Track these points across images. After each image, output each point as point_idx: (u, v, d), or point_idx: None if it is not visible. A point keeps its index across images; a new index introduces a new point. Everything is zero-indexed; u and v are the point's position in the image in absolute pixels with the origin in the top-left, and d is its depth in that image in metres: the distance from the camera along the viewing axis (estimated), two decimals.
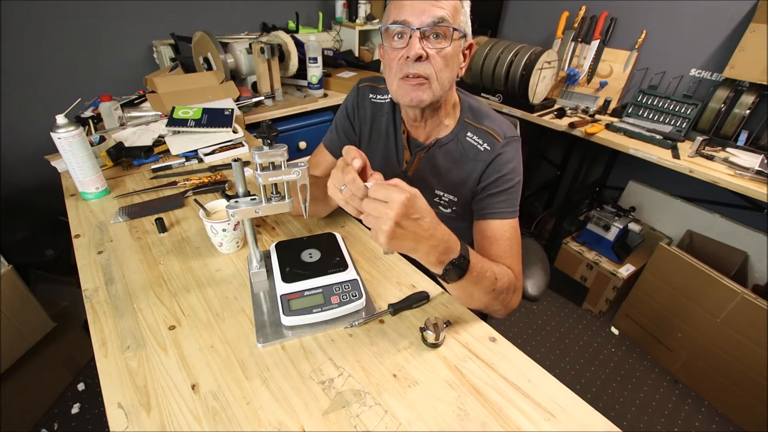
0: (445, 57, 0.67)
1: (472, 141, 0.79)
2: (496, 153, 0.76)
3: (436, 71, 0.67)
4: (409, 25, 0.64)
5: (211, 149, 1.20)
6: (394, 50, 0.68)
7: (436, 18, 0.63)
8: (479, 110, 0.81)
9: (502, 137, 0.77)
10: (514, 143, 0.78)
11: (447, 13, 0.64)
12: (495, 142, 0.77)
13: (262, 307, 0.68)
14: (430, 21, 0.63)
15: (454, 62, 0.69)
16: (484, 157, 0.77)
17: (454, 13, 0.65)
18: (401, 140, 0.85)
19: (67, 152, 0.88)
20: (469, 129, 0.79)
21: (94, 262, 0.77)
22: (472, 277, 0.60)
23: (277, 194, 0.63)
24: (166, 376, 0.56)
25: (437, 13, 0.63)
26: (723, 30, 1.57)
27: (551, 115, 1.77)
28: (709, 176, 1.35)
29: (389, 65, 0.70)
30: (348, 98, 0.91)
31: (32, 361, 1.31)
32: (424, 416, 0.53)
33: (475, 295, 0.64)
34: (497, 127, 0.78)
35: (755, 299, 1.32)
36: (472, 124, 0.79)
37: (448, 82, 0.70)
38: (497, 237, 0.75)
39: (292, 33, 1.88)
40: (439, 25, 0.64)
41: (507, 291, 0.68)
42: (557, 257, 1.96)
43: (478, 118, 0.80)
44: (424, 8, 0.63)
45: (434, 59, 0.66)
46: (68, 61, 1.65)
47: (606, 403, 1.51)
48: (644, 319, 1.70)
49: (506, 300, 0.69)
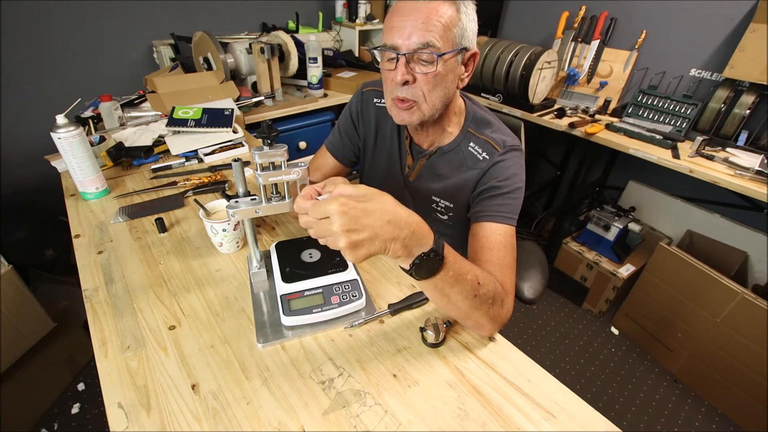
0: (435, 77, 0.66)
1: (473, 150, 0.79)
2: (493, 161, 0.76)
3: (425, 93, 0.67)
4: (397, 50, 0.64)
5: (211, 149, 1.20)
6: (386, 71, 0.69)
7: (422, 43, 0.62)
8: (483, 120, 0.81)
9: (501, 146, 0.76)
10: (514, 152, 0.77)
11: (435, 36, 0.62)
12: (494, 151, 0.77)
13: (262, 307, 0.67)
14: (417, 46, 0.63)
15: (447, 81, 0.68)
16: (481, 165, 0.77)
17: (444, 32, 0.63)
18: (404, 145, 0.85)
19: (67, 152, 0.88)
20: (471, 139, 0.80)
21: (94, 262, 0.77)
22: (448, 277, 0.54)
23: (277, 194, 0.63)
24: (166, 376, 0.56)
25: (424, 38, 0.62)
26: (723, 30, 1.57)
27: (551, 115, 1.77)
28: (709, 176, 1.35)
29: (384, 83, 0.72)
30: (352, 102, 0.91)
31: (32, 361, 1.31)
32: (424, 416, 0.53)
33: (453, 298, 0.56)
34: (498, 137, 0.78)
35: (755, 299, 1.32)
36: (474, 134, 0.79)
37: (440, 101, 0.70)
38: (489, 241, 0.70)
39: (292, 33, 1.88)
40: (425, 49, 0.63)
41: (493, 301, 0.60)
42: (557, 257, 1.96)
43: (480, 128, 0.80)
44: (412, 32, 0.62)
45: (421, 83, 0.66)
46: (68, 61, 1.65)
47: (606, 403, 1.51)
48: (644, 319, 1.70)
49: (492, 312, 0.60)
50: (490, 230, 0.71)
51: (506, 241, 0.70)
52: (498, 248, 0.69)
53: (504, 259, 0.68)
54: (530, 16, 2.15)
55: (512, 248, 0.71)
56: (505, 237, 0.71)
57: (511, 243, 0.71)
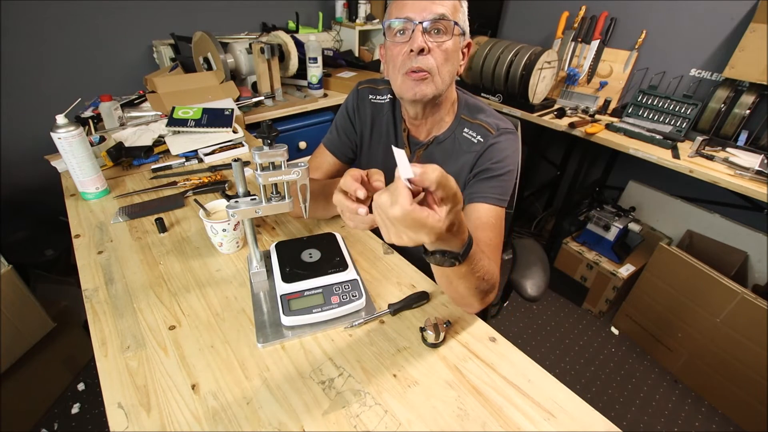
0: (446, 51, 0.69)
1: (467, 135, 0.80)
2: (488, 144, 0.77)
3: (438, 65, 0.69)
4: (411, 20, 0.67)
5: (211, 149, 1.20)
6: (396, 45, 0.70)
7: (437, 14, 0.66)
8: (475, 106, 0.82)
9: (495, 129, 0.78)
10: (508, 135, 0.79)
11: (447, 11, 0.67)
12: (488, 134, 0.78)
13: (262, 307, 0.68)
14: (432, 17, 0.66)
15: (455, 57, 0.72)
16: (476, 148, 0.78)
17: (453, 10, 0.68)
18: (402, 139, 0.86)
19: (67, 152, 0.88)
20: (465, 125, 0.81)
21: (94, 262, 0.77)
22: (460, 272, 0.56)
23: (277, 194, 0.63)
24: (166, 376, 0.56)
25: (438, 9, 0.66)
26: (723, 30, 1.57)
27: (551, 115, 1.77)
28: (709, 176, 1.35)
29: (393, 61, 0.72)
30: (348, 99, 0.92)
31: (32, 361, 1.31)
32: (424, 416, 0.53)
33: (457, 286, 0.61)
34: (491, 120, 0.79)
35: (755, 299, 1.32)
36: (468, 119, 0.81)
37: (449, 76, 0.72)
38: (482, 222, 0.73)
39: (292, 33, 1.88)
40: (440, 20, 0.66)
41: (489, 289, 0.65)
42: (557, 257, 1.96)
43: (473, 113, 0.81)
44: (425, 5, 0.66)
45: (435, 53, 0.68)
46: (68, 61, 1.65)
47: (606, 403, 1.51)
48: (644, 319, 1.70)
49: (486, 298, 0.66)
50: (483, 211, 0.74)
51: (497, 222, 0.74)
52: (489, 229, 0.73)
53: (494, 240, 0.72)
54: (530, 16, 2.15)
55: (501, 230, 0.75)
56: (496, 219, 0.74)
57: (501, 225, 0.75)
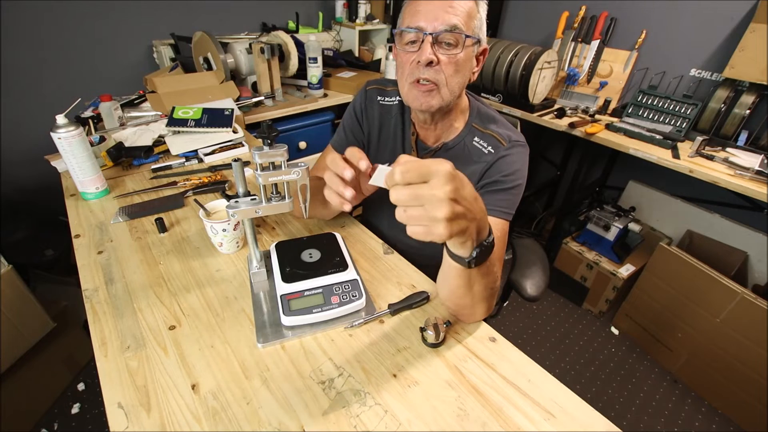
0: (456, 63, 0.67)
1: (478, 145, 0.79)
2: (499, 155, 0.76)
3: (447, 77, 0.68)
4: (422, 31, 0.66)
5: (211, 149, 1.20)
6: (406, 54, 0.69)
7: (449, 25, 0.64)
8: (487, 115, 0.81)
9: (507, 141, 0.77)
10: (520, 148, 0.78)
11: (460, 20, 0.65)
12: (499, 146, 0.77)
13: (262, 307, 0.67)
14: (443, 28, 0.65)
15: (466, 68, 0.70)
16: (486, 159, 0.78)
17: (467, 19, 0.66)
18: (409, 142, 0.85)
19: (67, 152, 0.88)
20: (476, 134, 0.80)
21: (94, 262, 0.77)
22: (484, 267, 0.54)
23: (277, 194, 0.63)
24: (166, 376, 0.56)
25: (451, 20, 0.64)
26: (723, 30, 1.57)
27: (551, 115, 1.77)
28: (709, 176, 1.35)
29: (401, 68, 0.72)
30: (356, 100, 0.92)
31: (32, 361, 1.31)
32: (424, 416, 0.53)
33: (475, 288, 0.58)
34: (503, 131, 0.78)
35: (755, 299, 1.32)
36: (479, 128, 0.80)
37: (458, 87, 0.71)
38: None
39: (292, 33, 1.88)
40: (451, 32, 0.65)
41: (494, 294, 0.64)
42: (557, 257, 1.96)
43: (485, 122, 0.80)
44: (438, 15, 0.64)
45: (445, 65, 0.67)
46: (68, 61, 1.65)
47: (606, 403, 1.51)
48: (644, 319, 1.70)
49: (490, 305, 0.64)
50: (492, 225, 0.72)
51: (502, 235, 0.73)
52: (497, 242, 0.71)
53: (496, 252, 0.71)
54: (530, 16, 2.15)
55: (504, 243, 0.74)
56: (502, 231, 0.73)
57: (504, 238, 0.74)
